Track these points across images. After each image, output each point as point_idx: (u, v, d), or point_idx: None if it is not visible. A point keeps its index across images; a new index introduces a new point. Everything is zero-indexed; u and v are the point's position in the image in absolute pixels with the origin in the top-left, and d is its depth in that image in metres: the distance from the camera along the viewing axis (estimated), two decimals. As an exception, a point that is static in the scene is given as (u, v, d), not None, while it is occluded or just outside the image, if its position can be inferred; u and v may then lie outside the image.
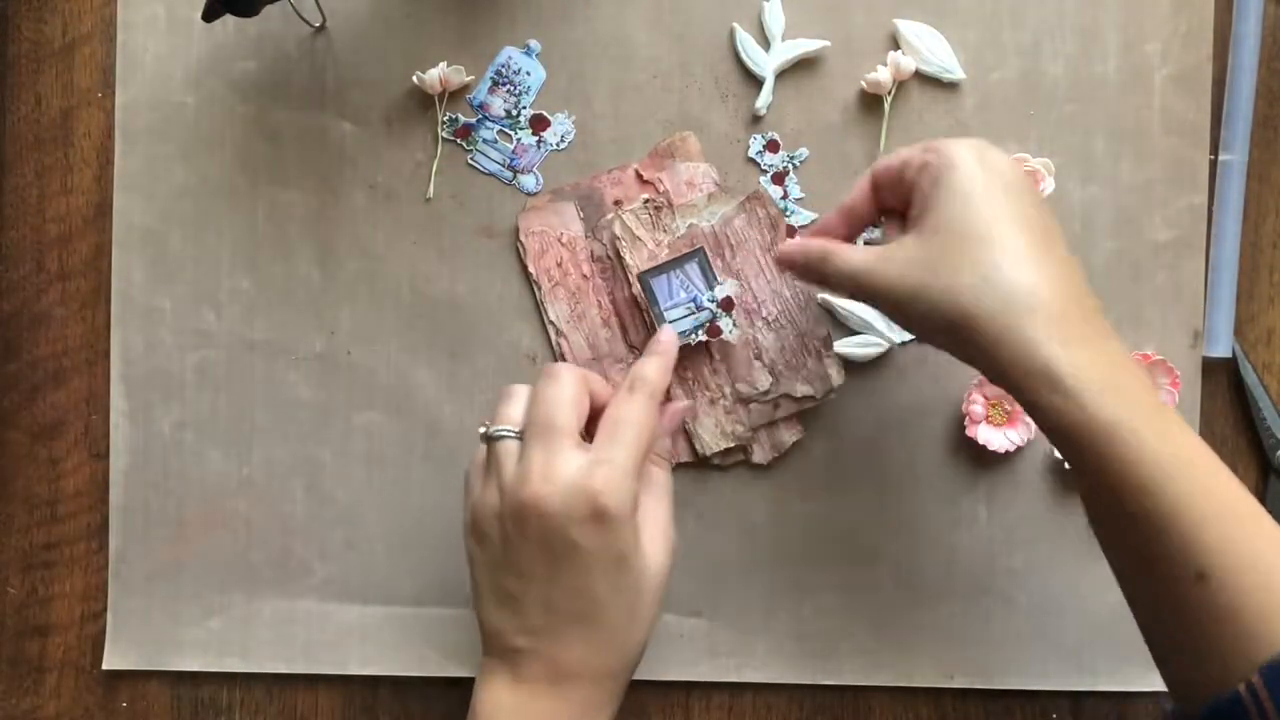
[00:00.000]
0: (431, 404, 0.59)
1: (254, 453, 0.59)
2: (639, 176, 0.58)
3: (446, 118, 0.59)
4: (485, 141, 0.59)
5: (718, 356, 0.58)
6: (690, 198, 0.58)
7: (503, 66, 0.59)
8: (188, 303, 0.59)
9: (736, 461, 0.58)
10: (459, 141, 0.59)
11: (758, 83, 0.58)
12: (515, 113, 0.58)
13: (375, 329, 0.59)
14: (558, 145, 0.59)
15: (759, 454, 0.58)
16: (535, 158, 0.59)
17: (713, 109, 0.58)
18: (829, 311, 0.58)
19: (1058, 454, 0.56)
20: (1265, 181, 0.59)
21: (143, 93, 0.59)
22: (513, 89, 0.58)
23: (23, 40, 0.60)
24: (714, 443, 0.58)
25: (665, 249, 0.58)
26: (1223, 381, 0.59)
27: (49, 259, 0.60)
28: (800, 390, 0.58)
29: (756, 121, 0.58)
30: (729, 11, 0.58)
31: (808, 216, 0.58)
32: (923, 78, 0.58)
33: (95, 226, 0.60)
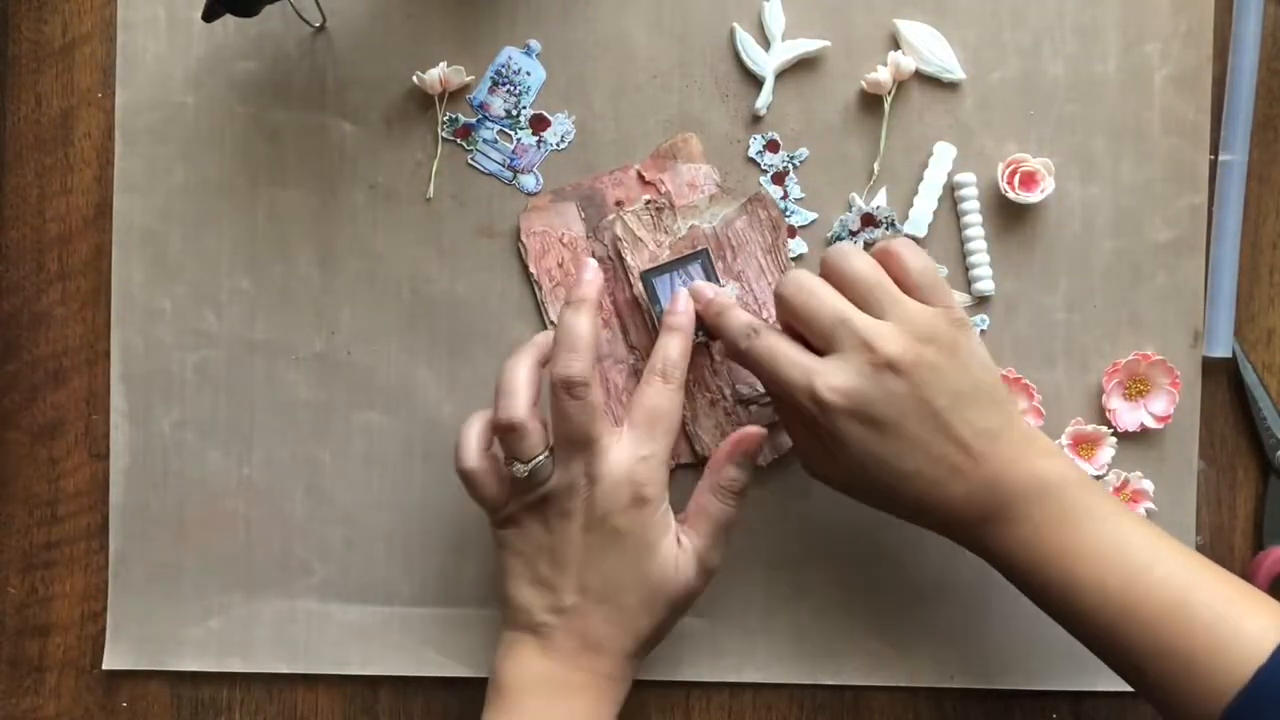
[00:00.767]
0: (431, 404, 0.59)
1: (254, 453, 0.59)
2: (641, 177, 0.58)
3: (446, 118, 0.58)
4: (485, 141, 0.59)
5: (718, 358, 0.57)
6: (692, 199, 0.58)
7: (503, 66, 0.58)
8: (188, 303, 0.59)
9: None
10: (459, 141, 0.59)
11: (758, 83, 0.58)
12: (515, 113, 0.58)
13: (375, 329, 0.59)
14: (558, 145, 0.59)
15: (759, 455, 0.58)
16: (535, 158, 0.59)
17: (713, 109, 0.58)
18: (829, 312, 0.58)
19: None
20: (1265, 181, 0.59)
21: (143, 93, 0.59)
22: (513, 89, 0.58)
23: (23, 40, 0.60)
24: (714, 443, 0.57)
25: (667, 250, 0.58)
26: (1223, 382, 0.59)
27: (49, 259, 0.60)
28: (801, 391, 0.58)
29: (756, 121, 0.58)
30: (729, 11, 0.58)
31: (808, 217, 0.58)
32: (923, 78, 0.58)
33: (95, 226, 0.59)
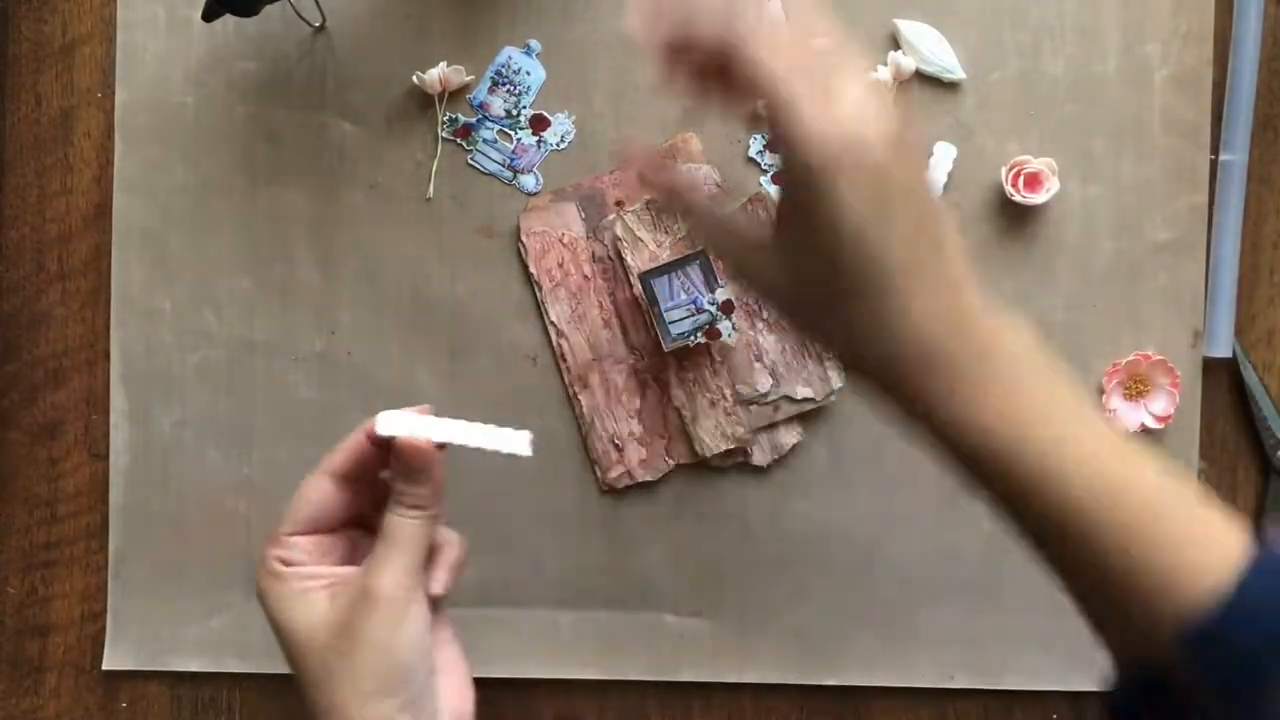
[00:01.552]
0: (431, 404, 0.59)
1: (254, 453, 0.59)
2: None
3: (446, 118, 0.58)
4: (485, 141, 0.59)
5: (718, 358, 0.58)
6: (691, 198, 0.58)
7: (503, 66, 0.58)
8: (188, 303, 0.59)
9: (736, 463, 0.58)
10: (459, 141, 0.59)
11: (758, 83, 0.58)
12: (515, 113, 0.58)
13: (375, 329, 0.59)
14: (558, 145, 0.59)
15: (759, 456, 0.58)
16: (535, 158, 0.59)
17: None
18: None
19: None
20: (1265, 181, 0.59)
21: (143, 93, 0.59)
22: (513, 89, 0.58)
23: (23, 40, 0.60)
24: (714, 444, 0.58)
25: (667, 250, 0.58)
26: (1223, 381, 0.59)
27: (49, 259, 0.60)
28: (800, 392, 0.58)
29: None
30: (729, 11, 0.58)
31: (808, 217, 0.58)
32: (923, 78, 0.58)
33: (95, 226, 0.59)
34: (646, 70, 0.58)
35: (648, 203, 0.58)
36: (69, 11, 0.59)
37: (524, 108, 0.58)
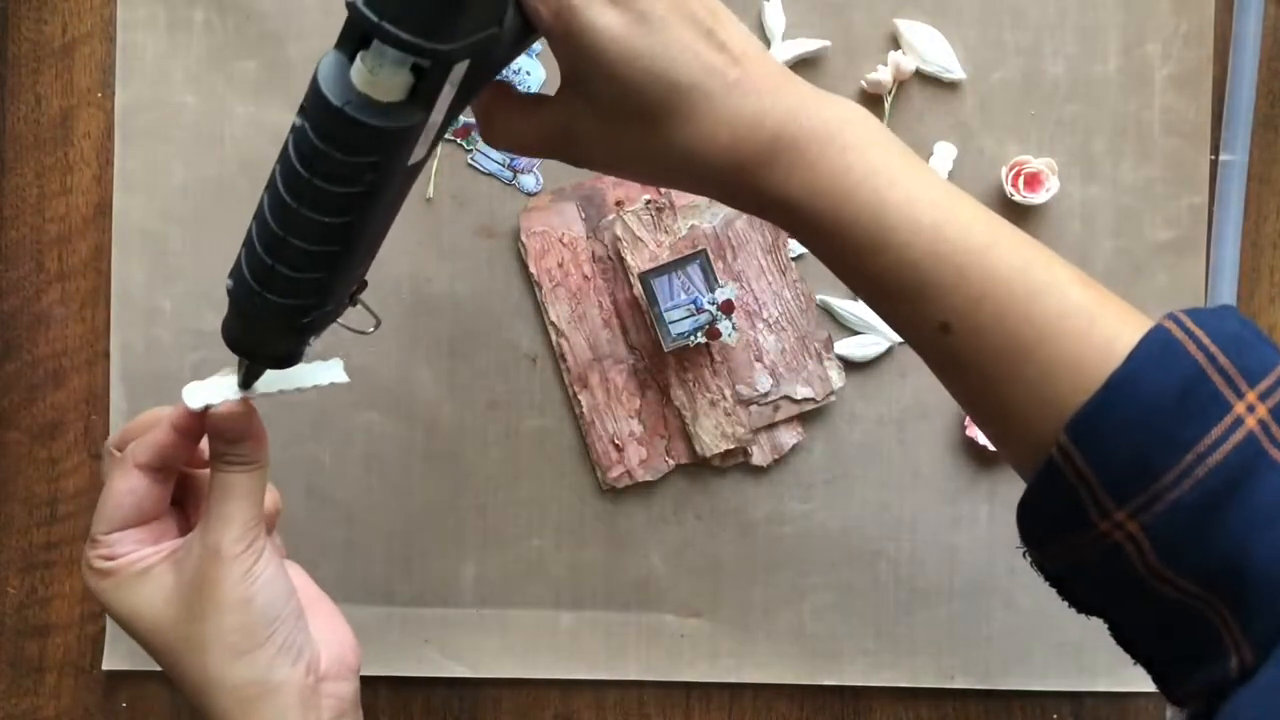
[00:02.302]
0: (431, 404, 0.59)
1: (254, 453, 0.59)
2: (639, 177, 0.58)
3: (447, 118, 0.58)
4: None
5: (718, 358, 0.58)
6: (692, 199, 0.58)
7: (503, 66, 0.58)
8: (188, 303, 0.59)
9: (736, 463, 0.58)
10: (459, 141, 0.59)
11: (758, 83, 0.58)
12: (515, 113, 0.58)
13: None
14: (558, 145, 0.59)
15: (759, 456, 0.58)
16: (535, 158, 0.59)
17: (713, 109, 0.58)
18: (829, 313, 0.58)
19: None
20: (1265, 181, 0.59)
21: (143, 93, 0.59)
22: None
23: (23, 40, 0.60)
24: (714, 444, 0.58)
25: (667, 250, 0.58)
26: (1223, 382, 0.59)
27: (49, 259, 0.60)
28: (800, 392, 0.58)
29: (757, 122, 0.58)
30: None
31: (808, 217, 0.58)
32: (923, 78, 0.58)
33: (95, 226, 0.59)
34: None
35: (648, 202, 0.58)
36: (69, 11, 0.59)
37: (524, 108, 0.58)
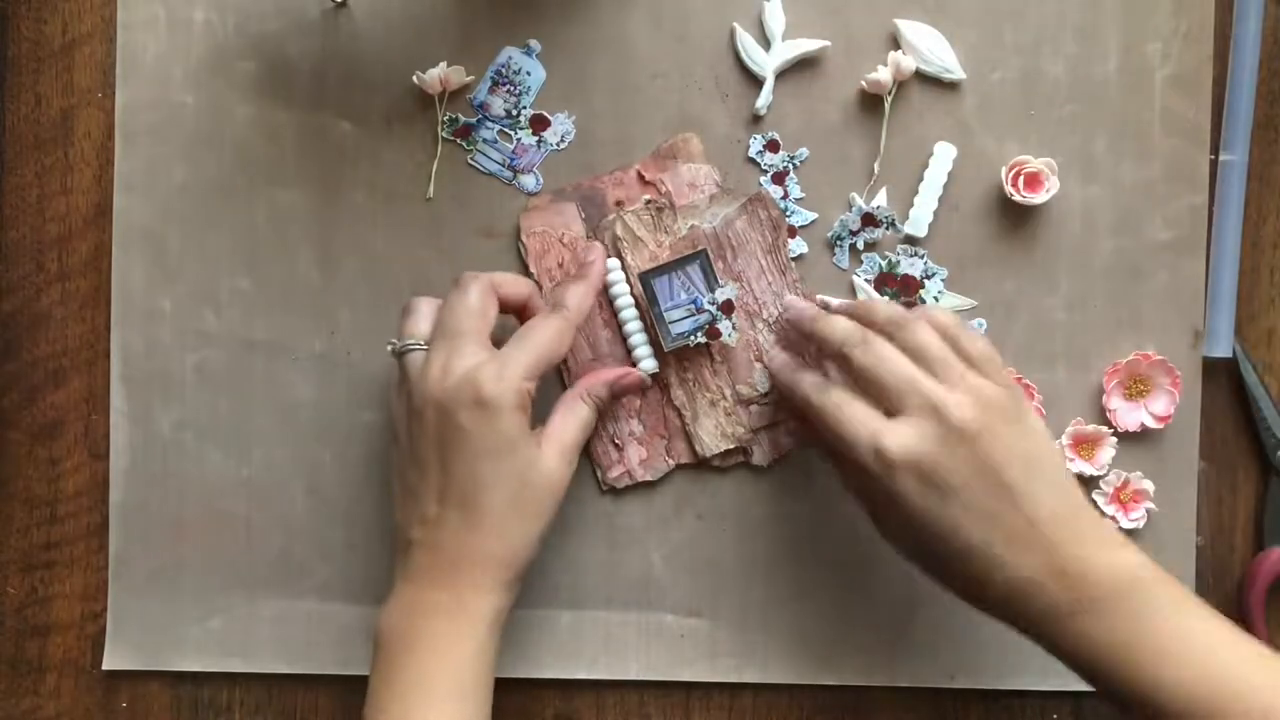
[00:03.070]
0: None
1: (254, 453, 0.59)
2: (641, 177, 0.58)
3: (446, 118, 0.58)
4: (485, 141, 0.59)
5: (718, 358, 0.58)
6: (692, 199, 0.58)
7: (503, 66, 0.58)
8: (188, 303, 0.59)
9: (737, 463, 0.58)
10: (459, 141, 0.59)
11: (758, 83, 0.58)
12: (515, 113, 0.58)
13: (375, 329, 0.59)
14: (558, 145, 0.59)
15: (759, 455, 0.58)
16: (535, 158, 0.59)
17: (713, 109, 0.58)
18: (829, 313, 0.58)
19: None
20: (1265, 181, 0.59)
21: (143, 93, 0.59)
22: (513, 89, 0.58)
23: (23, 40, 0.60)
24: (714, 444, 0.58)
25: (667, 250, 0.58)
26: (1223, 382, 0.59)
27: (49, 259, 0.60)
28: (801, 391, 0.58)
29: (756, 121, 0.58)
30: (729, 12, 0.58)
31: (808, 216, 0.58)
32: (923, 78, 0.58)
33: (95, 226, 0.59)
34: (645, 71, 0.58)
35: (648, 202, 0.58)
36: (69, 11, 0.60)
37: (524, 108, 0.58)
